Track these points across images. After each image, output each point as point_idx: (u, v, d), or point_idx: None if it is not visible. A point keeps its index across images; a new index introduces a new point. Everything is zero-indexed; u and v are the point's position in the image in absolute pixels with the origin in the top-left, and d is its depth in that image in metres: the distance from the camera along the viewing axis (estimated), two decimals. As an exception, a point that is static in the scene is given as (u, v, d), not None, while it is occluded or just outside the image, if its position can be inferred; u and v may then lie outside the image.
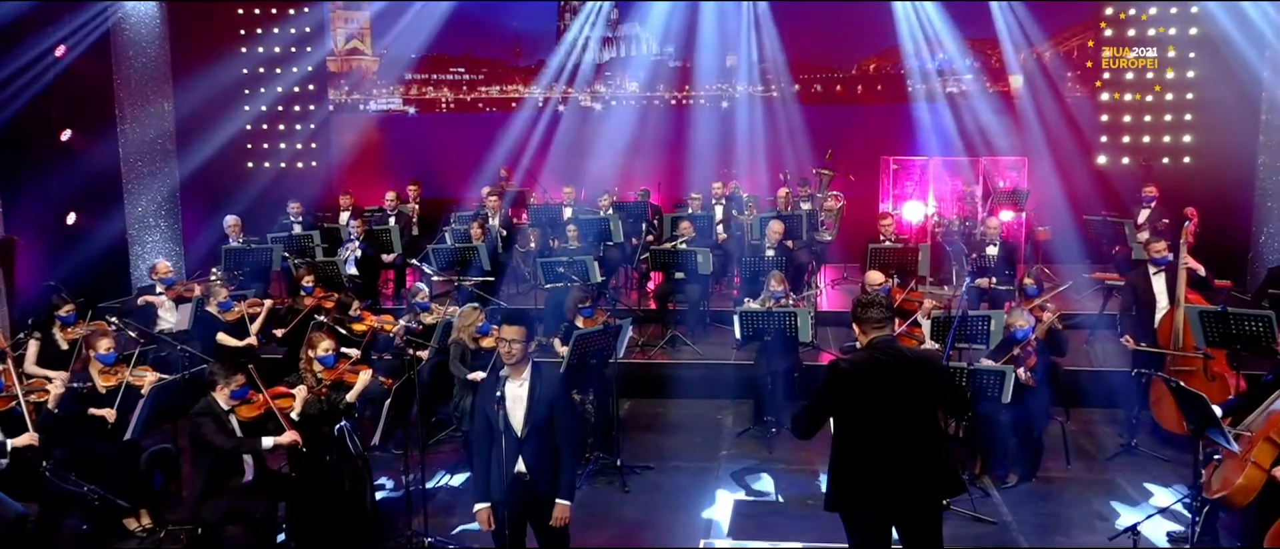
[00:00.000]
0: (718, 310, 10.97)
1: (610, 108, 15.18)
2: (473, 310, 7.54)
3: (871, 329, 4.62)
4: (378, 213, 12.48)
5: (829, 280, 12.81)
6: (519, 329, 4.84)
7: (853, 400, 4.57)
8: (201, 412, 5.64)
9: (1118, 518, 6.76)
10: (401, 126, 15.71)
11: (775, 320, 8.10)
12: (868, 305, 4.66)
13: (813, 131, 13.98)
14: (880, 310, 4.65)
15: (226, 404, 5.73)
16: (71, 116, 12.41)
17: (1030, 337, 7.36)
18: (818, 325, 10.18)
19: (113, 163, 13.39)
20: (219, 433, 5.60)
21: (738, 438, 8.43)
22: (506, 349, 4.83)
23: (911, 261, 9.80)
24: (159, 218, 14.25)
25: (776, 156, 14.21)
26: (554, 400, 4.90)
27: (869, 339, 4.63)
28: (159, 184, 14.26)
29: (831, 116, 14.38)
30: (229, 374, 5.72)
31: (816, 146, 13.57)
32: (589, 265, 9.84)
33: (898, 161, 13.32)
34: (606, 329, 7.45)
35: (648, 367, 9.71)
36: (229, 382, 5.70)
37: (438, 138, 15.37)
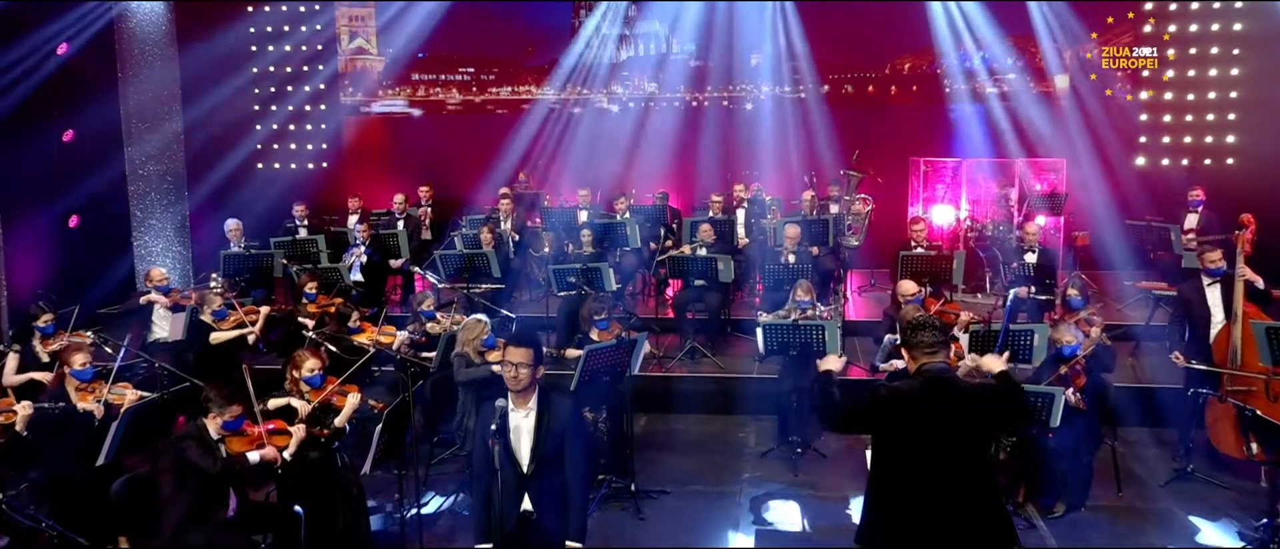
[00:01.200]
0: (739, 319, 10.46)
1: (628, 109, 14.67)
2: (477, 322, 7.04)
3: (922, 355, 4.11)
4: (385, 216, 12.01)
5: (856, 287, 12.27)
6: (526, 351, 4.33)
7: (894, 434, 4.05)
8: (187, 435, 5.17)
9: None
10: (411, 128, 15.24)
11: (801, 334, 7.56)
12: (918, 327, 4.14)
13: (839, 132, 13.41)
14: (933, 333, 4.13)
15: (217, 434, 5.26)
16: (74, 117, 12.02)
17: (1078, 353, 6.80)
18: (844, 337, 9.67)
19: (117, 164, 13.01)
20: (205, 455, 5.12)
21: (761, 459, 7.90)
22: (511, 374, 4.32)
23: (945, 269, 9.24)
24: (165, 221, 13.87)
25: (801, 158, 13.65)
26: (565, 431, 4.39)
27: (919, 366, 4.11)
28: (165, 186, 13.88)
29: (859, 117, 13.79)
30: (225, 403, 5.24)
31: (843, 148, 13.00)
32: (604, 272, 9.33)
33: (928, 163, 12.74)
34: (620, 343, 6.94)
35: (665, 380, 9.19)
36: (223, 411, 5.23)
37: (449, 139, 14.89)
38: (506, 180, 13.44)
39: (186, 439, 5.14)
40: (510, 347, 4.34)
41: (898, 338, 7.26)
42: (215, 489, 5.17)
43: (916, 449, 3.99)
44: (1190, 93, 13.23)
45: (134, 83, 13.11)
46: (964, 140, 13.36)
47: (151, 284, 8.97)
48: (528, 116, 14.55)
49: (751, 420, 8.77)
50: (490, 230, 10.44)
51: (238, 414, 5.28)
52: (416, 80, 15.11)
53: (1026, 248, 9.76)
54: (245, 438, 5.33)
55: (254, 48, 14.80)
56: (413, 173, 13.87)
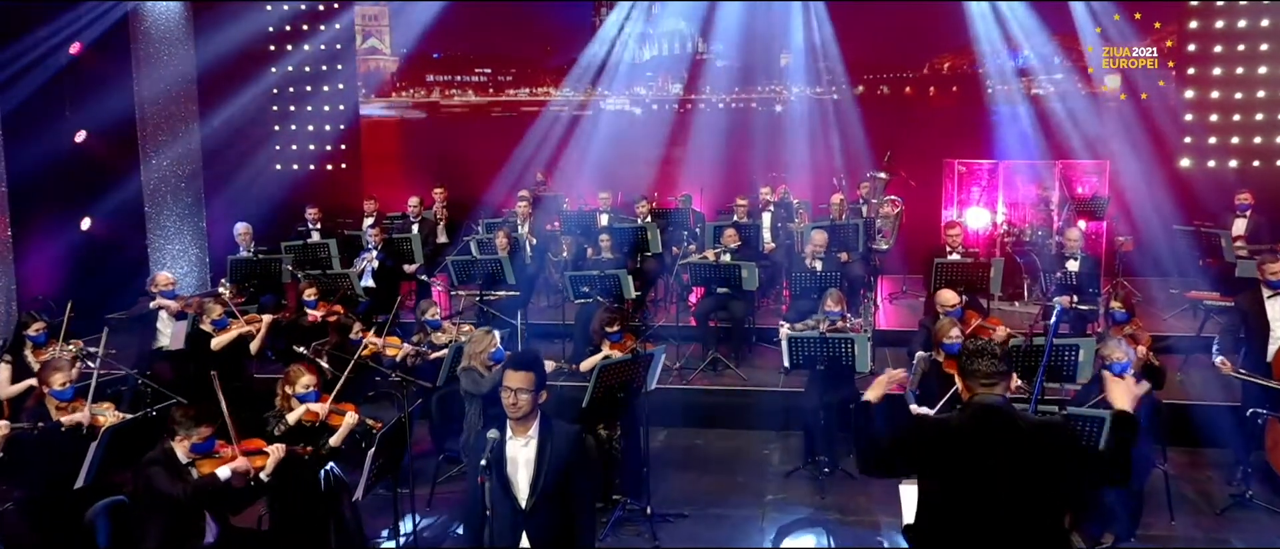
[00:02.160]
0: (765, 327, 10.01)
1: (650, 110, 14.26)
2: (485, 334, 6.64)
3: (978, 385, 3.66)
4: (399, 220, 11.68)
5: (886, 294, 11.79)
6: (526, 375, 3.94)
7: (942, 475, 3.62)
8: (153, 460, 4.82)
9: (1238, 590, 5.72)
10: (427, 129, 14.91)
11: (829, 348, 7.12)
12: (975, 354, 3.69)
13: (871, 133, 12.93)
14: (991, 362, 3.66)
15: (185, 458, 4.90)
16: (86, 117, 11.79)
17: (1129, 371, 6.30)
18: (874, 347, 9.20)
19: (131, 166, 12.78)
20: (173, 482, 4.76)
21: (785, 479, 7.45)
22: (510, 400, 3.93)
23: (982, 278, 8.74)
24: (182, 223, 13.66)
25: (831, 160, 13.19)
26: (569, 462, 4.00)
27: (973, 397, 3.67)
28: (181, 188, 13.67)
29: (892, 118, 13.31)
30: (193, 424, 4.88)
31: (875, 149, 12.52)
32: (622, 279, 8.93)
33: (964, 165, 12.23)
34: (635, 358, 6.52)
35: (686, 393, 8.78)
36: (191, 433, 4.87)
37: (466, 140, 14.56)
38: (525, 182, 13.08)
39: (152, 465, 4.78)
40: (509, 370, 3.95)
41: (930, 354, 6.86)
42: (187, 516, 4.81)
43: (968, 493, 3.55)
44: (1238, 91, 12.65)
45: (149, 82, 12.90)
46: (1002, 142, 12.84)
47: (156, 289, 8.67)
48: (546, 117, 14.20)
49: (776, 436, 8.34)
50: (506, 234, 10.07)
51: (207, 436, 4.92)
52: (431, 81, 14.79)
53: (1068, 255, 9.25)
54: (217, 460, 4.97)
55: (273, 47, 14.55)
56: (430, 175, 13.55)
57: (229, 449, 5.00)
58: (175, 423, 4.88)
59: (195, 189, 14.07)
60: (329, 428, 5.61)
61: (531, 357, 4.04)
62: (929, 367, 6.79)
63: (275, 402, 5.81)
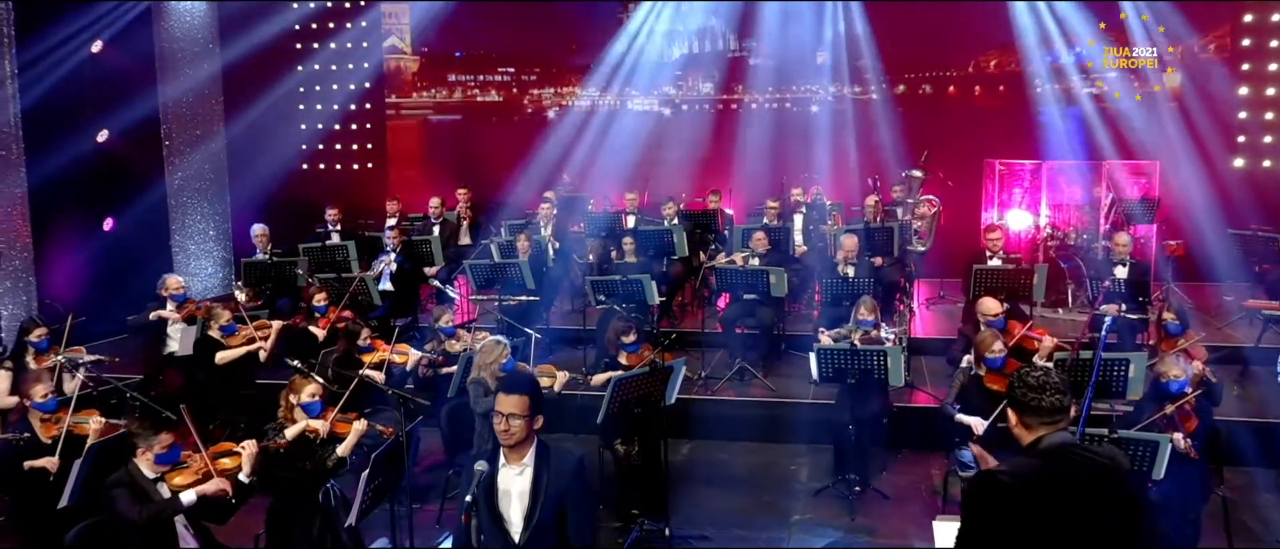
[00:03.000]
0: (795, 334, 9.60)
1: (680, 109, 13.87)
2: (495, 344, 6.34)
3: (1041, 425, 3.14)
4: (420, 221, 11.40)
5: (923, 299, 11.33)
6: (520, 399, 3.61)
7: (1021, 535, 3.09)
8: (115, 482, 4.53)
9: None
10: (451, 129, 14.62)
11: (860, 360, 6.73)
12: (1037, 389, 3.14)
13: (908, 133, 12.46)
14: (1055, 396, 3.13)
15: (152, 472, 4.61)
16: (109, 117, 11.64)
17: (1186, 390, 5.85)
18: (909, 357, 8.78)
19: (155, 166, 12.64)
20: (132, 504, 4.47)
21: (814, 497, 7.05)
22: (502, 426, 3.60)
23: (1025, 285, 8.27)
24: (206, 224, 13.52)
25: (866, 160, 12.73)
26: (567, 494, 3.66)
27: (1036, 439, 3.16)
28: (206, 188, 13.54)
29: (932, 117, 12.83)
30: (151, 433, 4.59)
31: (911, 150, 12.07)
32: (645, 284, 8.58)
33: (1005, 164, 11.73)
34: (653, 370, 6.17)
35: (711, 404, 8.40)
36: (151, 443, 4.57)
37: (491, 140, 14.26)
38: (549, 182, 12.77)
39: (114, 488, 4.50)
40: (501, 393, 3.61)
41: (970, 367, 6.44)
42: (158, 537, 4.52)
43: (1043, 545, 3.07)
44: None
45: (172, 80, 12.76)
46: (1046, 141, 12.30)
47: (166, 292, 8.47)
48: (571, 116, 13.87)
49: (805, 451, 7.94)
50: (527, 238, 9.75)
51: (169, 443, 4.63)
52: (453, 81, 14.53)
53: (1116, 261, 8.77)
54: (186, 469, 4.68)
55: (298, 46, 14.36)
56: (455, 175, 13.29)
57: (198, 457, 4.71)
58: (134, 435, 4.60)
59: (220, 189, 13.93)
60: (336, 438, 5.31)
61: (526, 379, 3.71)
62: (969, 380, 6.38)
63: (278, 413, 5.51)
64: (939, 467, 7.37)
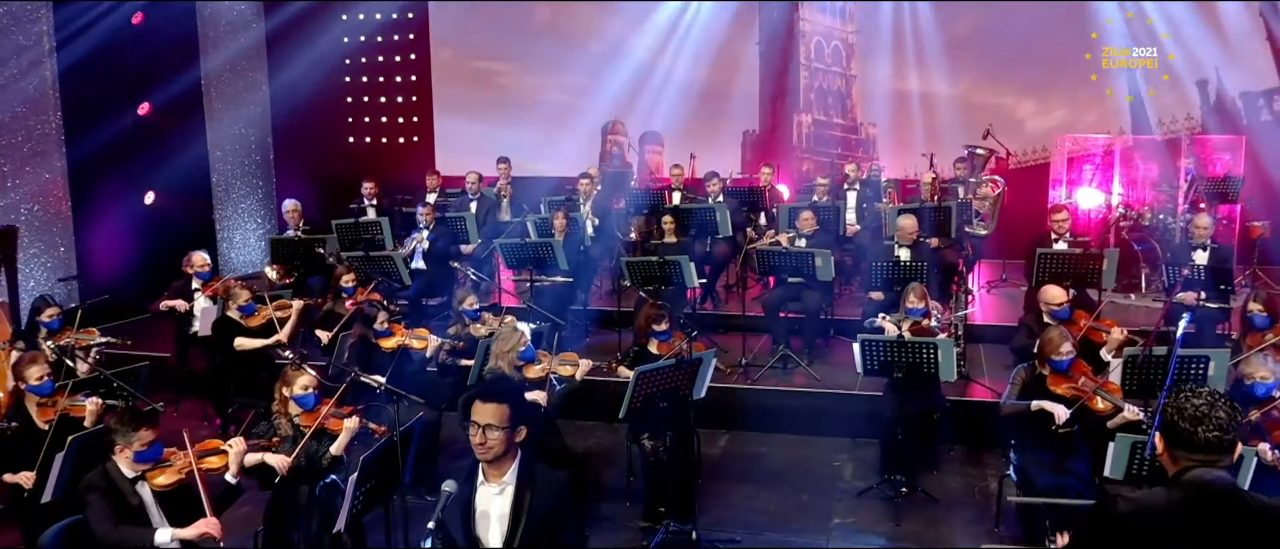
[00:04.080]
0: (843, 320, 9.06)
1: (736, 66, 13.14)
2: (513, 331, 5.96)
3: (1190, 460, 2.68)
4: (457, 196, 11.05)
5: (984, 282, 10.69)
6: (497, 409, 3.21)
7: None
8: (90, 485, 4.22)
9: None
10: (498, 96, 14.11)
11: (908, 352, 6.20)
12: (1195, 419, 2.65)
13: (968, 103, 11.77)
14: (1214, 432, 2.63)
15: (131, 470, 4.30)
16: (150, 88, 11.49)
17: (1274, 393, 5.24)
18: (966, 346, 8.20)
19: (198, 137, 12.50)
20: (103, 515, 4.15)
21: (857, 499, 6.55)
22: (478, 438, 3.20)
23: (1093, 270, 7.62)
24: (250, 196, 13.38)
25: (927, 133, 12.04)
26: (552, 517, 3.25)
27: (1180, 470, 2.70)
28: (250, 161, 13.39)
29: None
30: (132, 426, 4.27)
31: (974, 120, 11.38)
32: (683, 266, 8.13)
33: (1075, 141, 10.98)
34: (680, 362, 5.73)
35: (751, 394, 7.93)
36: (130, 439, 4.25)
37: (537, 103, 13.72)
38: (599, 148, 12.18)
39: (89, 492, 4.18)
40: (476, 401, 3.21)
41: (1032, 365, 5.87)
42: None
43: None
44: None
45: (216, 51, 12.61)
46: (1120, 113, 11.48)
47: (191, 270, 8.25)
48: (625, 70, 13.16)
49: (850, 446, 7.45)
50: (563, 214, 9.34)
51: (150, 440, 4.28)
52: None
53: (1195, 244, 8.07)
54: (169, 468, 4.35)
55: (345, 16, 14.11)
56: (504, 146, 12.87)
57: (182, 455, 4.39)
58: (112, 432, 4.28)
59: (264, 161, 13.79)
60: (329, 435, 4.98)
61: (505, 386, 3.32)
62: (1031, 379, 5.81)
63: (273, 405, 5.20)
64: (996, 468, 6.82)
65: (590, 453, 7.31)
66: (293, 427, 4.98)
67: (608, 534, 6.11)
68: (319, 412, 5.09)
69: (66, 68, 10.38)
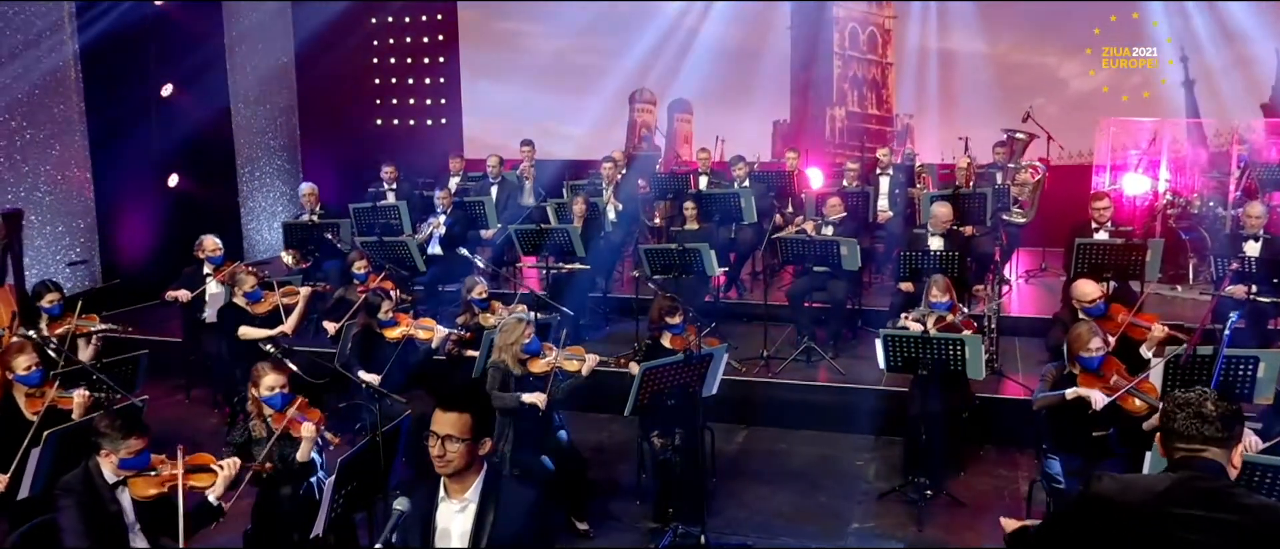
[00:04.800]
0: (873, 310, 8.73)
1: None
2: (517, 322, 5.70)
3: (1175, 449, 2.74)
4: (478, 180, 10.82)
5: (1023, 271, 10.27)
6: (459, 419, 2.94)
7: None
8: (67, 487, 4.04)
9: None
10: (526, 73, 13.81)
11: (933, 349, 5.86)
12: (1179, 405, 2.74)
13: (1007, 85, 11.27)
14: (1192, 419, 2.71)
15: (113, 475, 4.11)
16: (174, 70, 11.37)
17: (1326, 399, 4.85)
18: (1000, 339, 7.83)
19: (223, 119, 12.39)
20: (77, 525, 3.96)
21: (878, 501, 6.24)
22: (437, 450, 2.95)
23: (1135, 262, 7.20)
24: (276, 179, 13.27)
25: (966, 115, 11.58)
26: (519, 538, 3.00)
27: (1174, 461, 2.75)
28: (276, 143, 13.28)
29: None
30: (122, 433, 4.07)
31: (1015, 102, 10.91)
32: (703, 254, 7.84)
33: (1118, 123, 10.47)
34: (688, 358, 5.44)
35: (771, 387, 7.63)
36: (118, 445, 4.05)
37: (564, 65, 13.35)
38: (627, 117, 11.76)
39: (66, 495, 3.99)
40: (436, 411, 2.96)
41: (1062, 365, 5.51)
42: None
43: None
44: None
45: (241, 31, 12.46)
46: (1169, 94, 10.92)
47: (203, 254, 8.10)
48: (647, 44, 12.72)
49: (874, 444, 7.12)
50: (584, 200, 9.07)
51: (139, 449, 4.08)
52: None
53: (1247, 235, 7.60)
54: (154, 478, 4.15)
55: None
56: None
57: (168, 467, 4.19)
58: (99, 434, 4.08)
59: (290, 143, 13.68)
60: (294, 439, 4.76)
61: (468, 393, 3.03)
62: (1060, 376, 5.46)
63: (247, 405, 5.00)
64: (1028, 469, 6.47)
65: (603, 448, 7.06)
66: (266, 427, 4.78)
67: (615, 534, 5.86)
68: (285, 413, 4.86)
69: (88, 50, 10.28)
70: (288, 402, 4.81)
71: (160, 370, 8.44)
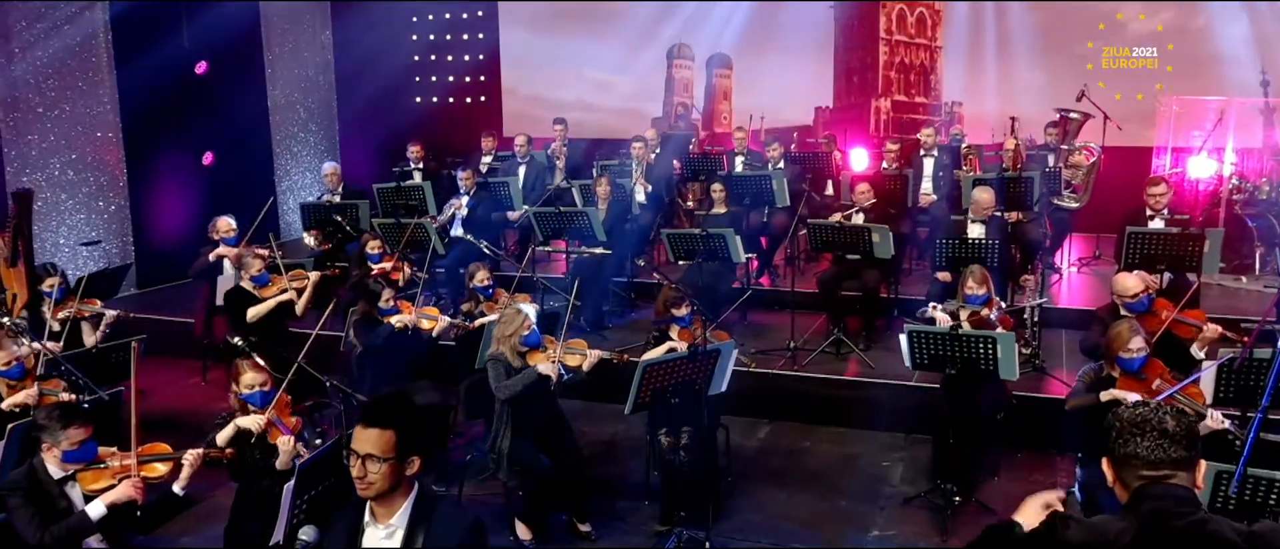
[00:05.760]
0: (909, 300, 8.27)
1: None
2: (516, 313, 5.42)
3: (1137, 479, 2.32)
4: (505, 160, 10.55)
5: (1076, 258, 9.72)
6: (381, 436, 2.65)
7: None
8: (13, 485, 3.84)
9: None
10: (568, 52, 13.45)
11: (962, 347, 5.45)
12: (1133, 428, 2.33)
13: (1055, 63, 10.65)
14: (1156, 443, 2.29)
15: (59, 470, 3.92)
16: (207, 46, 11.27)
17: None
18: (1043, 333, 7.35)
19: (257, 96, 12.31)
20: (29, 518, 3.77)
21: (902, 507, 5.85)
22: (358, 471, 2.66)
23: (1191, 253, 6.66)
24: (312, 157, 13.17)
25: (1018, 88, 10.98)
26: None
27: (1135, 492, 2.32)
28: (313, 121, 13.17)
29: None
30: (61, 424, 3.87)
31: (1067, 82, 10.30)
32: (729, 240, 7.48)
33: (1181, 102, 9.81)
34: (694, 354, 5.11)
35: (797, 381, 7.26)
36: (58, 438, 3.86)
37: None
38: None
39: (12, 494, 3.81)
40: (358, 426, 2.67)
41: (1100, 367, 5.08)
42: None
43: None
44: None
45: (278, 6, 12.33)
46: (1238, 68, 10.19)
47: (217, 235, 7.97)
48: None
49: (903, 444, 6.72)
50: (607, 180, 8.76)
51: (81, 439, 3.88)
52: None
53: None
54: (103, 470, 3.94)
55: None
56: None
57: (120, 458, 3.98)
58: (39, 428, 3.89)
59: (327, 121, 13.57)
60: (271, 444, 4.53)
61: (393, 405, 2.71)
62: (1097, 379, 5.02)
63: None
64: (1068, 475, 6.04)
65: (615, 442, 6.77)
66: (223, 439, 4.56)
67: (619, 536, 5.58)
68: (265, 413, 4.64)
69: (119, 23, 10.21)
70: (268, 400, 4.59)
71: (180, 352, 8.41)
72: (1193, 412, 4.57)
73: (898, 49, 11.71)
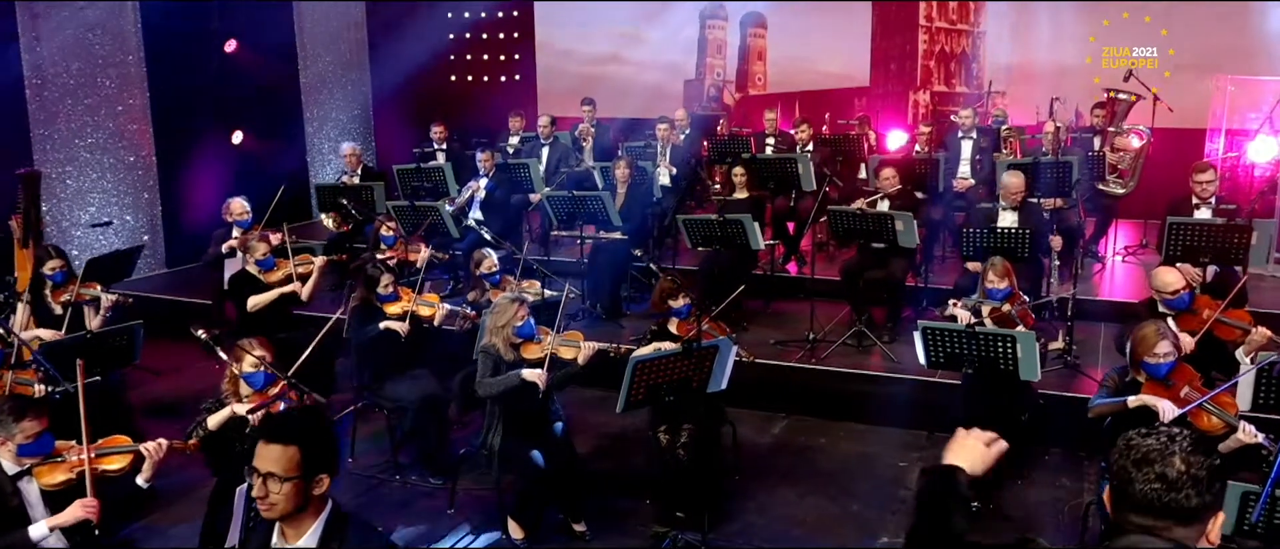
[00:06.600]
0: (939, 289, 7.91)
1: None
2: (510, 303, 5.21)
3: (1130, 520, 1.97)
4: (528, 141, 10.34)
5: (1122, 246, 9.26)
6: (283, 453, 2.45)
7: None
8: None
9: None
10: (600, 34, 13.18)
11: (980, 345, 5.13)
12: (1140, 461, 1.96)
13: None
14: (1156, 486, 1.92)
15: (14, 465, 3.79)
16: (237, 24, 11.21)
17: None
18: (1074, 326, 6.95)
19: (289, 73, 12.24)
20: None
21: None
22: (259, 490, 2.47)
23: (1237, 245, 6.20)
24: (344, 137, 13.06)
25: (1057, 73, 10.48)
26: None
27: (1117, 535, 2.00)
28: (346, 100, 13.08)
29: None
30: (13, 417, 3.73)
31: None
32: (747, 226, 7.20)
33: (1236, 82, 9.25)
34: (689, 348, 4.85)
35: (815, 374, 6.96)
36: (11, 431, 3.73)
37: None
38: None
39: None
40: (260, 443, 2.46)
41: (1126, 371, 4.73)
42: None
43: None
44: None
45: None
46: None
47: (231, 218, 7.88)
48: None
49: (926, 442, 6.37)
50: (627, 164, 8.50)
51: (36, 432, 3.74)
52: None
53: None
54: (61, 464, 3.81)
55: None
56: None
57: (76, 451, 3.85)
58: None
59: (362, 100, 13.47)
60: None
61: (297, 422, 2.51)
62: (1122, 383, 4.68)
63: (223, 384, 4.68)
64: (1094, 479, 5.68)
65: (620, 435, 6.52)
66: (215, 423, 4.43)
67: (616, 536, 5.35)
68: (267, 393, 4.52)
69: (148, 6, 10.16)
70: (269, 381, 4.47)
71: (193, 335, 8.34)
72: (1223, 423, 4.21)
73: (938, 37, 11.23)
